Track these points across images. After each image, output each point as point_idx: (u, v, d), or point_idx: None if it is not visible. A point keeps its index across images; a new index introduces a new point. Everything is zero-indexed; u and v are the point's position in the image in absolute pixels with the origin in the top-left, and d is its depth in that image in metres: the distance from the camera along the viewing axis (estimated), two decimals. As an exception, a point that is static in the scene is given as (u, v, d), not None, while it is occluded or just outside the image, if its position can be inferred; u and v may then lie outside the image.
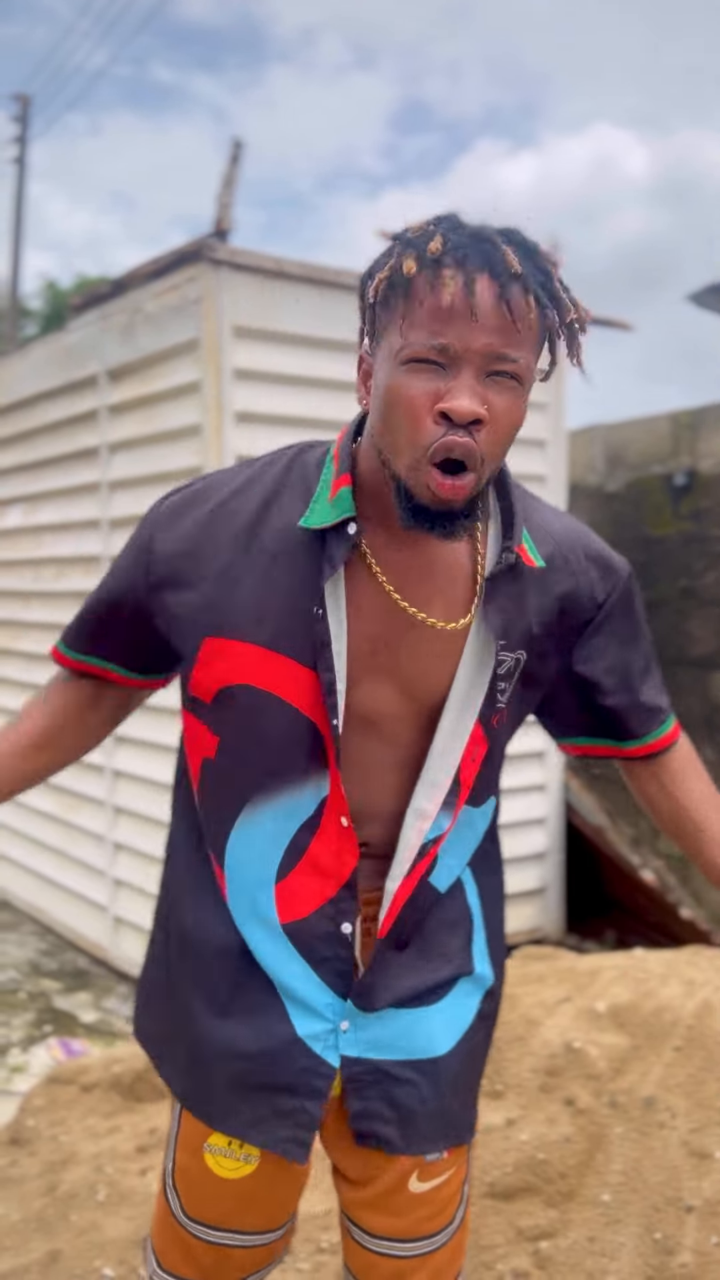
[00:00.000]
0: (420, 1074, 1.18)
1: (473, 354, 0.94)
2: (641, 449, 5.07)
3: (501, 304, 0.94)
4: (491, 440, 0.97)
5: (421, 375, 0.95)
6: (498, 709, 1.13)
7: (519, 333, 0.95)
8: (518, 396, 0.97)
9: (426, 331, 0.94)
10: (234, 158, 3.65)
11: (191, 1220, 1.24)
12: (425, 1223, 1.23)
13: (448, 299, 0.93)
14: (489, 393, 0.96)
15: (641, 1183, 2.13)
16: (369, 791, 1.15)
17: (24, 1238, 2.29)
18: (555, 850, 4.50)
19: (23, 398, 4.68)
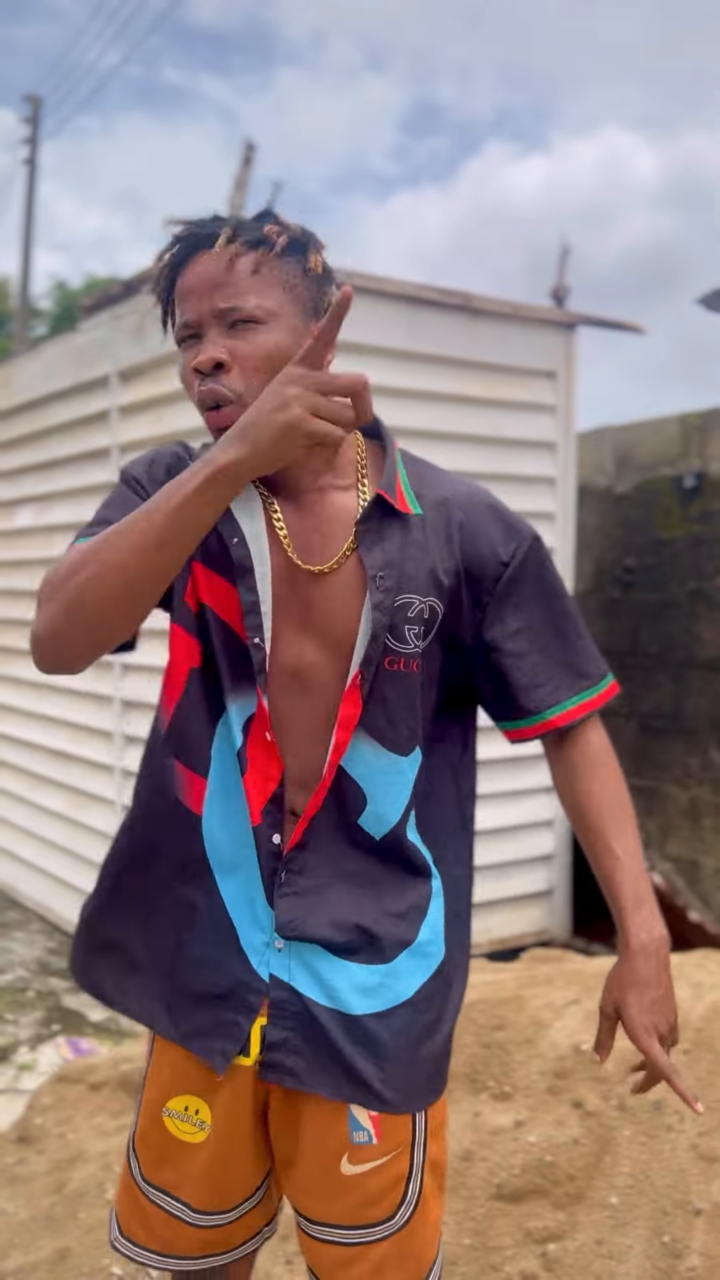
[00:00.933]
0: (338, 1025, 1.20)
1: (206, 318, 1.14)
2: (651, 451, 5.07)
3: (204, 267, 1.14)
4: (241, 377, 1.12)
5: (188, 350, 1.17)
6: (408, 654, 1.18)
7: (236, 285, 1.13)
8: (266, 332, 1.13)
9: (177, 316, 1.18)
10: (245, 160, 3.65)
11: (148, 1183, 1.30)
12: (361, 1210, 1.23)
13: (176, 288, 1.17)
14: (235, 341, 1.13)
15: (650, 1186, 2.13)
16: (305, 749, 1.20)
17: (32, 1235, 2.30)
18: (562, 852, 4.50)
19: (34, 398, 4.70)
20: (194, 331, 1.15)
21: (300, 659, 1.19)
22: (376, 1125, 1.23)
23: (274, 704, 1.20)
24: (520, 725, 1.27)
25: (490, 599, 1.23)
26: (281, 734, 1.21)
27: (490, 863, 4.18)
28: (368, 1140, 1.22)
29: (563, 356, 4.28)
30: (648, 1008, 1.20)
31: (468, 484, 1.27)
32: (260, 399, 1.03)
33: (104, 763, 4.24)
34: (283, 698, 1.20)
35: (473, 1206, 2.15)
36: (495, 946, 4.21)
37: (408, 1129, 1.25)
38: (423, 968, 1.25)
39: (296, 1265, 2.08)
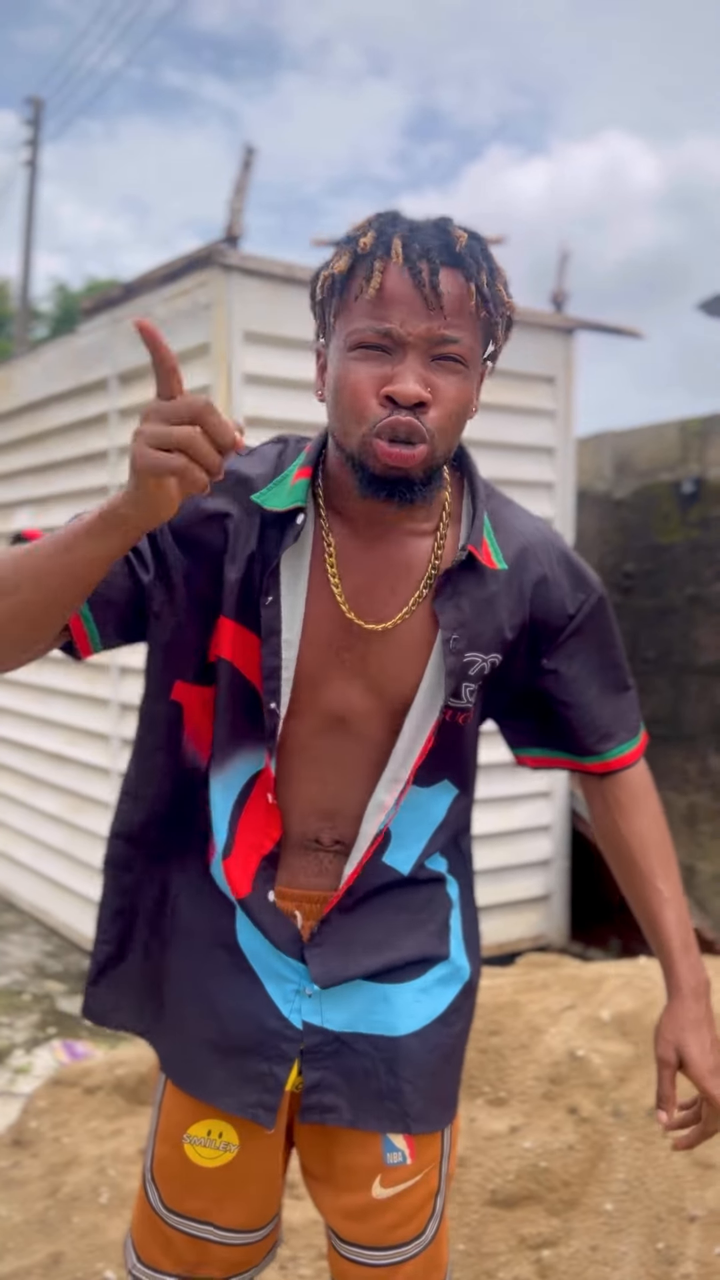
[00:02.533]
0: (378, 1050, 1.19)
1: (416, 337, 0.99)
2: (650, 456, 5.07)
3: (439, 289, 0.99)
4: (439, 420, 1.01)
5: (367, 360, 1.01)
6: (462, 709, 1.16)
7: (459, 316, 1.00)
8: (463, 379, 1.03)
9: (370, 318, 1.00)
10: (246, 164, 3.66)
11: (171, 1212, 1.25)
12: (392, 1231, 1.22)
13: (386, 288, 0.99)
14: (434, 376, 1.01)
15: (644, 1192, 2.13)
16: (341, 788, 1.18)
17: (26, 1239, 2.29)
18: (560, 857, 4.50)
19: (33, 400, 4.70)
20: (387, 345, 1.00)
21: (347, 706, 1.15)
22: (411, 1146, 1.22)
23: (309, 744, 1.16)
24: (579, 760, 1.27)
25: (549, 647, 1.21)
26: (318, 770, 1.17)
27: (488, 867, 4.18)
28: (402, 1160, 1.22)
29: (562, 361, 4.29)
30: (710, 1049, 1.18)
31: (542, 529, 1.21)
32: None
33: (101, 765, 4.24)
34: (323, 739, 1.16)
35: (467, 1212, 2.15)
36: (492, 951, 4.21)
37: (438, 1145, 1.25)
38: (453, 982, 1.25)
39: (290, 1271, 2.07)
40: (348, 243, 1.03)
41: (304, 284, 3.57)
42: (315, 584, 1.12)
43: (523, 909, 4.41)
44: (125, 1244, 1.33)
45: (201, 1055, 1.21)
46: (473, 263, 1.01)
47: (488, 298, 1.02)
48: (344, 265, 1.02)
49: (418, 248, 0.99)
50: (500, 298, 1.05)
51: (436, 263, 0.99)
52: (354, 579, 1.12)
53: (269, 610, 1.10)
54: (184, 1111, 1.24)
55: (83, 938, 4.45)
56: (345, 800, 1.18)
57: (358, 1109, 1.19)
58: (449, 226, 1.03)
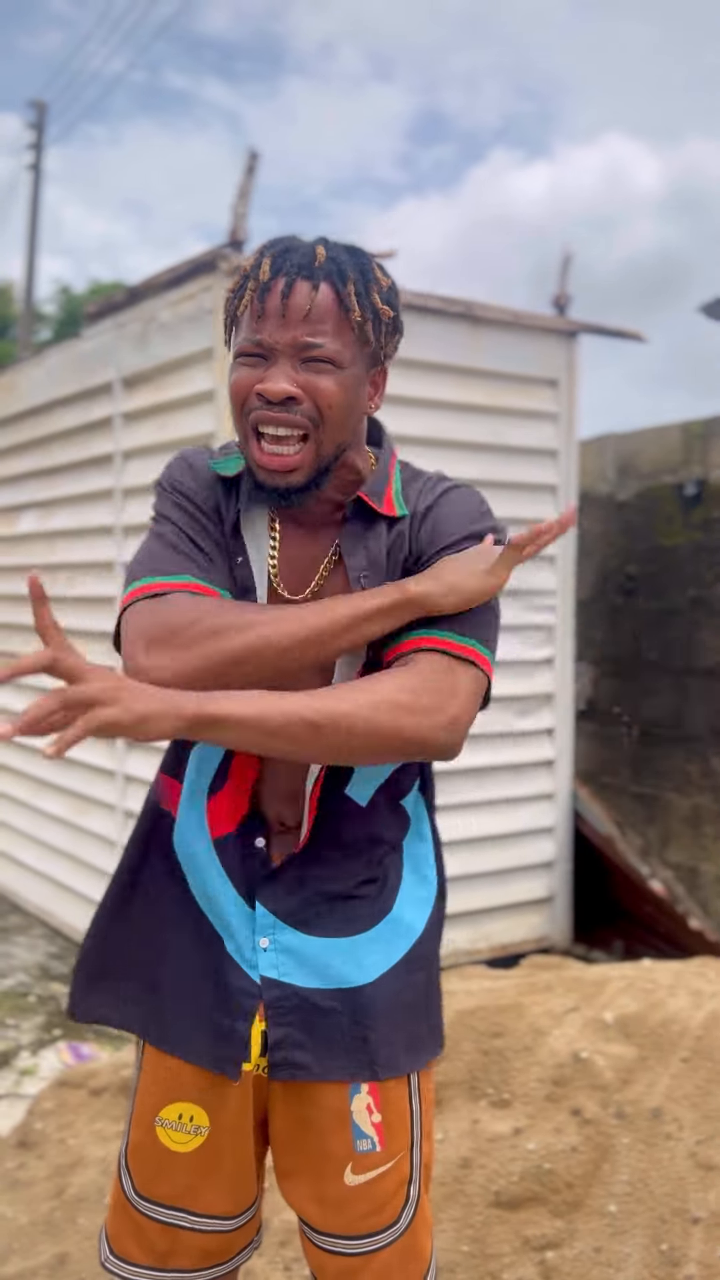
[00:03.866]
0: (338, 1002, 1.22)
1: (283, 345, 1.13)
2: (652, 459, 5.08)
3: (296, 301, 1.12)
4: (313, 411, 1.13)
5: (248, 367, 1.15)
6: (389, 645, 1.19)
7: (321, 323, 1.13)
8: (336, 378, 1.14)
9: (247, 330, 1.15)
10: (249, 169, 3.67)
11: (143, 1199, 1.28)
12: (364, 1220, 1.24)
13: (258, 304, 1.13)
14: (305, 376, 1.13)
15: (648, 1194, 2.14)
16: (305, 768, 1.23)
17: (32, 1240, 2.30)
18: (563, 859, 4.50)
19: (38, 404, 4.71)
20: (261, 353, 1.15)
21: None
22: (380, 1132, 1.23)
23: None
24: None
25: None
26: (288, 763, 1.24)
27: (490, 869, 4.19)
28: (371, 1148, 1.23)
29: (564, 364, 4.30)
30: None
31: (449, 488, 1.28)
32: None
33: (106, 768, 4.25)
34: None
35: (471, 1214, 2.15)
36: (495, 953, 4.21)
37: (407, 1132, 1.27)
38: (409, 929, 1.28)
39: (295, 1272, 2.08)
40: (235, 270, 1.16)
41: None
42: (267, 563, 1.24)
43: (526, 911, 4.41)
44: (100, 1237, 1.35)
45: (172, 1013, 1.25)
46: (330, 274, 1.13)
47: (350, 306, 1.14)
48: (232, 288, 1.18)
49: (284, 265, 1.13)
50: (371, 303, 1.15)
51: (293, 277, 1.12)
52: (285, 557, 1.23)
53: (242, 570, 1.22)
54: (156, 1095, 1.27)
55: (87, 940, 4.46)
56: (303, 779, 1.23)
57: (324, 1061, 1.21)
58: (317, 244, 1.16)
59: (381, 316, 1.17)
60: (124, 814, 4.17)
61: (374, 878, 1.27)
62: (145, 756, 3.99)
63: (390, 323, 1.19)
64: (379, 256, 1.20)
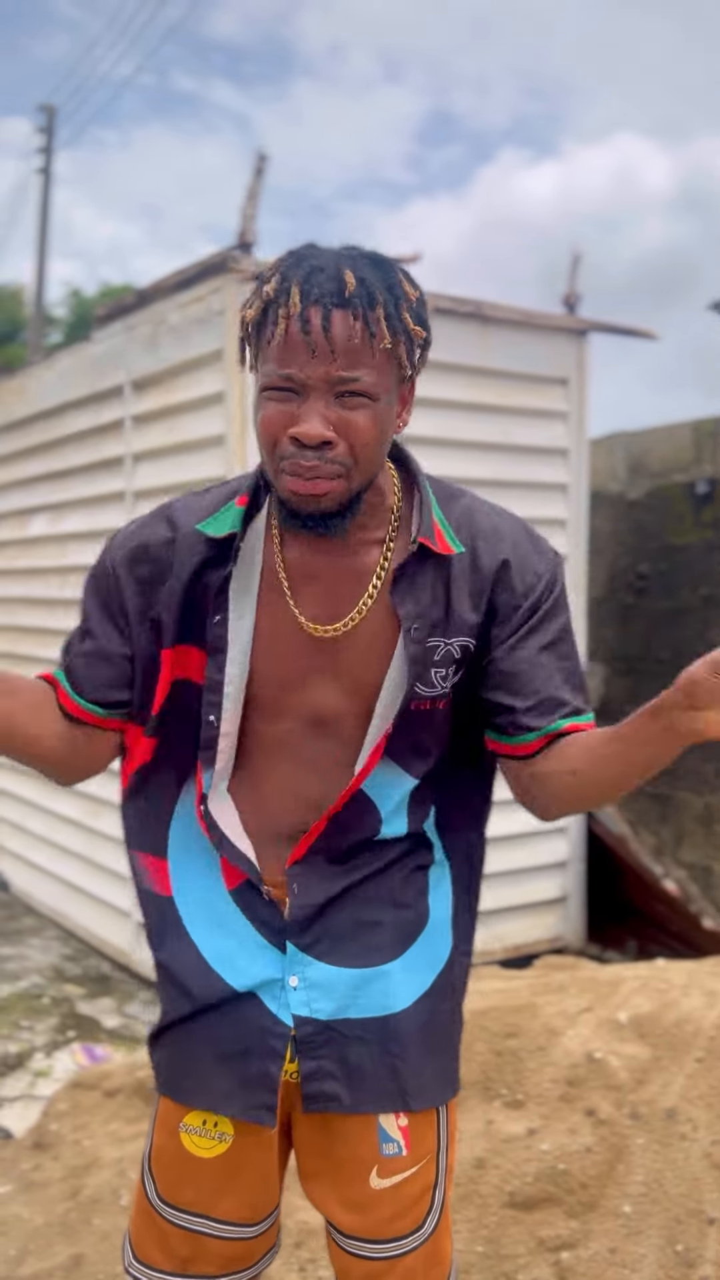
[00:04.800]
0: (369, 1032, 1.22)
1: (316, 380, 1.06)
2: (663, 457, 5.07)
3: (332, 335, 1.04)
4: (347, 453, 1.08)
5: (278, 401, 1.08)
6: (427, 696, 1.17)
7: (357, 354, 1.06)
8: (371, 411, 1.08)
9: (275, 363, 1.07)
10: (258, 170, 3.67)
11: (167, 1204, 1.27)
12: (390, 1224, 1.24)
13: (285, 335, 1.05)
14: (341, 413, 1.07)
15: (663, 1194, 2.13)
16: (322, 781, 1.22)
17: (47, 1242, 2.31)
18: (577, 859, 4.49)
19: (49, 407, 4.73)
20: (292, 388, 1.07)
21: (326, 706, 1.21)
22: (406, 1136, 1.24)
23: (289, 743, 1.22)
24: (522, 741, 1.19)
25: (510, 625, 1.20)
26: (301, 772, 1.23)
27: (504, 869, 4.18)
28: (397, 1152, 1.23)
29: (575, 363, 4.29)
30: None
31: (499, 513, 1.25)
32: None
33: (118, 769, 4.26)
34: (302, 739, 1.22)
35: (485, 1214, 2.15)
36: (509, 953, 4.21)
37: (433, 1137, 1.27)
38: (435, 958, 1.27)
39: (310, 1273, 2.08)
40: (260, 285, 1.09)
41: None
42: (268, 599, 1.19)
43: (539, 911, 4.40)
44: (123, 1241, 1.34)
45: (200, 1064, 1.24)
46: (365, 301, 1.05)
47: (379, 334, 1.06)
48: (254, 314, 1.09)
49: (314, 292, 1.05)
50: (404, 326, 1.09)
51: (329, 307, 1.04)
52: (309, 589, 1.19)
53: (215, 629, 1.18)
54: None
55: (101, 941, 4.47)
56: (327, 792, 1.22)
57: (356, 1093, 1.21)
58: (352, 262, 1.08)
59: (415, 338, 1.11)
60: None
61: (400, 904, 1.25)
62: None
63: (423, 342, 1.13)
64: (402, 261, 1.13)
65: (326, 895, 1.23)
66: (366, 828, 1.23)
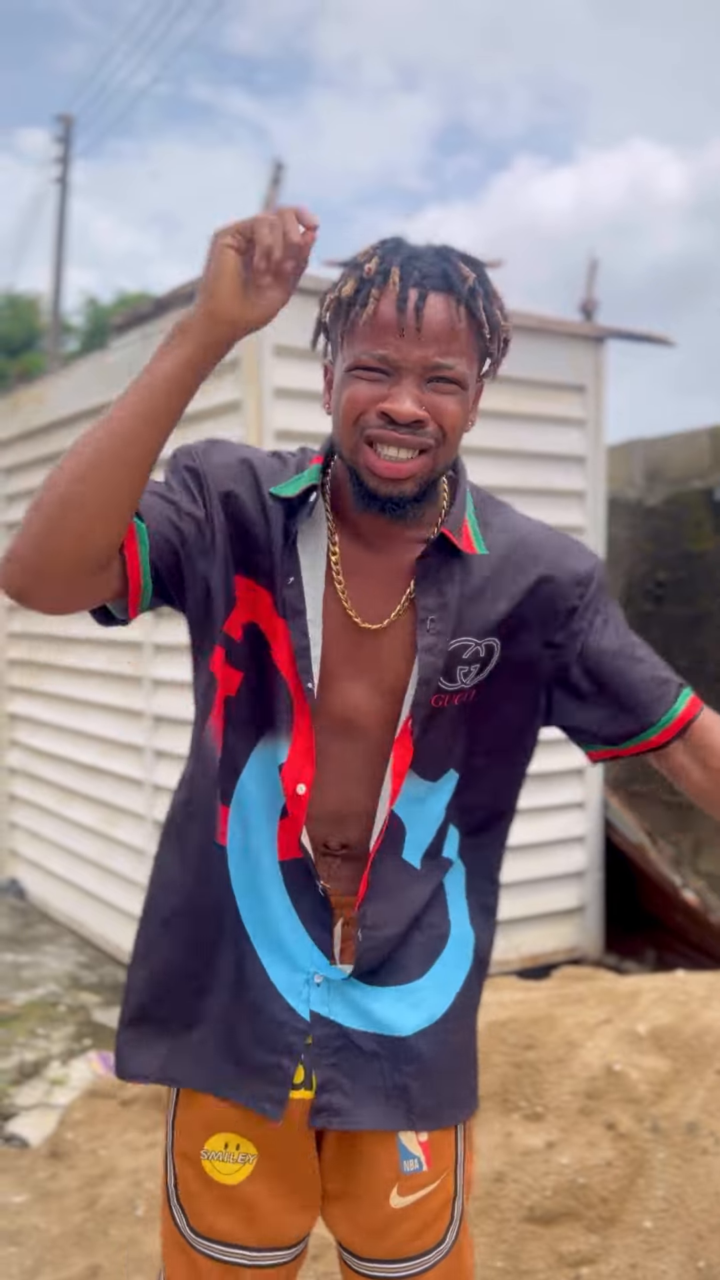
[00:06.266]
0: (383, 1048, 1.20)
1: (411, 363, 1.06)
2: (681, 464, 5.04)
3: (433, 318, 1.05)
4: (435, 434, 1.08)
5: (367, 381, 1.07)
6: (447, 690, 1.17)
7: (452, 341, 1.06)
8: (458, 399, 1.09)
9: (368, 343, 1.06)
10: (275, 179, 3.68)
11: (198, 1236, 1.24)
12: (411, 1241, 1.22)
13: (384, 315, 1.05)
14: (430, 396, 1.07)
15: (684, 1209, 2.10)
16: (348, 792, 1.20)
17: (64, 1252, 2.30)
18: (594, 869, 4.46)
19: (66, 415, 4.74)
20: (385, 369, 1.07)
21: (352, 706, 1.18)
22: (426, 1151, 1.22)
23: (322, 747, 1.18)
24: (650, 735, 1.22)
25: (564, 630, 1.20)
26: (327, 775, 1.19)
27: (522, 879, 4.16)
28: (418, 1168, 1.21)
29: (592, 370, 4.27)
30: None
31: (536, 526, 1.25)
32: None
33: (135, 777, 4.26)
34: (332, 742, 1.19)
35: (504, 1229, 2.13)
36: (526, 964, 4.18)
37: (452, 1150, 1.25)
38: (454, 979, 1.26)
39: (327, 1286, 2.07)
40: (353, 268, 1.09)
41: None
42: (328, 592, 1.17)
43: (557, 921, 4.38)
44: (158, 1276, 1.31)
45: (207, 1048, 1.21)
46: (465, 288, 1.06)
47: (481, 322, 1.08)
48: (349, 290, 1.08)
49: (414, 275, 1.05)
50: (495, 320, 1.09)
51: (427, 289, 1.05)
52: (355, 582, 1.17)
53: (292, 590, 1.15)
54: (198, 1126, 1.23)
55: (117, 949, 4.47)
56: (352, 804, 1.20)
57: (365, 1108, 1.19)
58: (447, 254, 1.09)
59: (503, 333, 1.11)
60: (153, 823, 4.17)
61: (426, 922, 1.24)
62: (175, 766, 4.00)
63: (507, 341, 1.13)
64: (488, 266, 1.13)
65: (394, 924, 1.20)
66: (399, 841, 1.21)
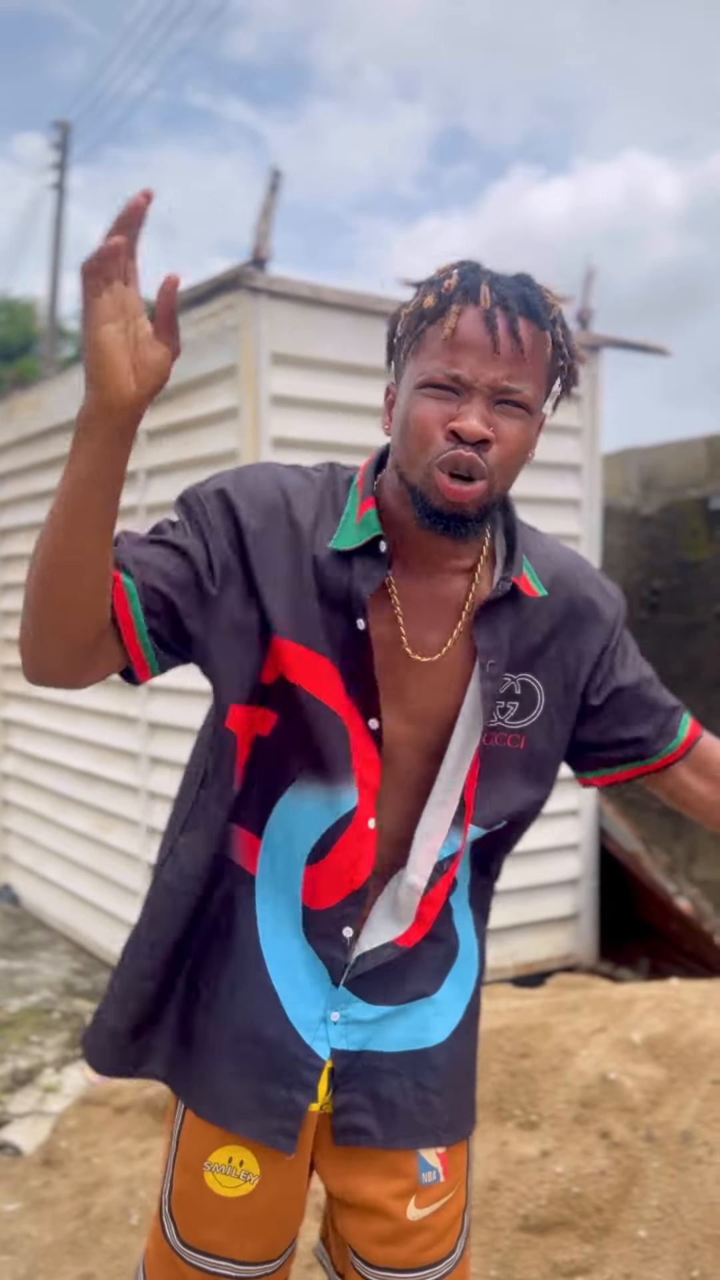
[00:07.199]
0: (402, 1066, 1.21)
1: (483, 384, 1.05)
2: (677, 472, 5.06)
3: (512, 339, 1.05)
4: (499, 458, 1.07)
5: (436, 399, 1.06)
6: (496, 729, 1.19)
7: (526, 366, 1.06)
8: (525, 423, 1.08)
9: (442, 361, 1.06)
10: (272, 187, 3.69)
11: (188, 1247, 1.23)
12: (424, 1251, 1.23)
13: (462, 332, 1.04)
14: (497, 418, 1.06)
15: (678, 1218, 2.10)
16: (381, 816, 1.20)
17: (56, 1260, 2.29)
18: (589, 876, 4.47)
19: (62, 421, 4.74)
20: (455, 388, 1.06)
21: (394, 739, 1.18)
22: (444, 1162, 1.24)
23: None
24: (664, 753, 1.28)
25: (595, 666, 1.24)
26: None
27: (516, 886, 4.16)
28: (436, 1179, 1.23)
29: (587, 379, 4.28)
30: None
31: (567, 553, 1.27)
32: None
33: (130, 784, 4.26)
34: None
35: (499, 1238, 2.13)
36: (521, 971, 4.18)
37: (465, 1160, 1.28)
38: (462, 993, 1.27)
39: (321, 1295, 2.06)
40: (432, 285, 1.08)
41: (331, 305, 3.60)
42: (376, 615, 1.16)
43: (551, 928, 4.38)
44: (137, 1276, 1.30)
45: (221, 1079, 1.20)
46: (549, 317, 1.07)
47: (562, 352, 1.09)
48: (430, 303, 1.07)
49: (501, 296, 1.05)
50: (570, 352, 1.10)
51: (515, 312, 1.05)
52: (409, 612, 1.17)
53: (363, 637, 1.13)
54: (205, 1138, 1.22)
55: (111, 956, 4.46)
56: (386, 830, 1.20)
57: (389, 1128, 1.20)
58: (529, 281, 1.09)
59: (575, 365, 1.12)
60: (147, 830, 4.17)
61: (437, 936, 1.25)
62: (170, 773, 4.00)
63: (576, 374, 1.14)
64: (561, 301, 1.13)
65: (391, 950, 1.21)
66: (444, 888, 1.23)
